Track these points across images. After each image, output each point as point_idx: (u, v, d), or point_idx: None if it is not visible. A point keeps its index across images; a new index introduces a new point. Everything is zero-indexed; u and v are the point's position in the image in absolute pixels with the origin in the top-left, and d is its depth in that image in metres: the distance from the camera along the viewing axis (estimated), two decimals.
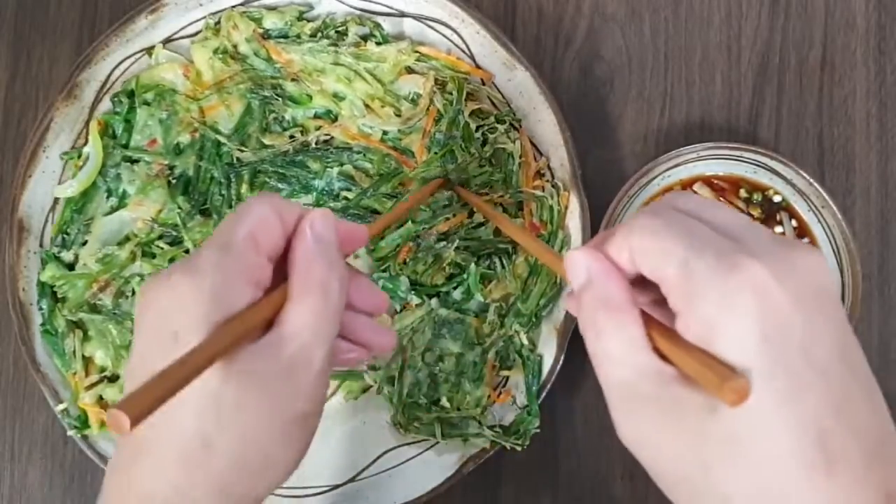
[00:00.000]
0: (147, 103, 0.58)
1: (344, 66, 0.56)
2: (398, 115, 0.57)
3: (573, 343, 0.54)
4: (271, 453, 0.34)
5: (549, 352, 0.55)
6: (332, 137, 0.57)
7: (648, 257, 0.31)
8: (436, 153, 0.55)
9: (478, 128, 0.56)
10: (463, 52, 0.57)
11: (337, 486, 0.55)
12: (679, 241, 0.30)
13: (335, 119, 0.57)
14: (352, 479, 0.55)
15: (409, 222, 0.55)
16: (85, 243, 0.57)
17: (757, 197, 0.56)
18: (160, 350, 0.32)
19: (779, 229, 0.55)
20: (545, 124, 0.56)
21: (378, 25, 0.58)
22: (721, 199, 0.56)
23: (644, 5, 0.60)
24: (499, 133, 0.56)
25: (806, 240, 0.55)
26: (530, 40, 0.60)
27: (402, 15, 0.58)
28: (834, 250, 0.54)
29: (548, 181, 0.56)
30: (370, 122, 0.56)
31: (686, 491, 0.30)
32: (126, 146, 0.58)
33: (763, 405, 0.27)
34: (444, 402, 0.54)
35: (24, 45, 0.62)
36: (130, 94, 0.58)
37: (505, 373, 0.55)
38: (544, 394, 0.54)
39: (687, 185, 0.56)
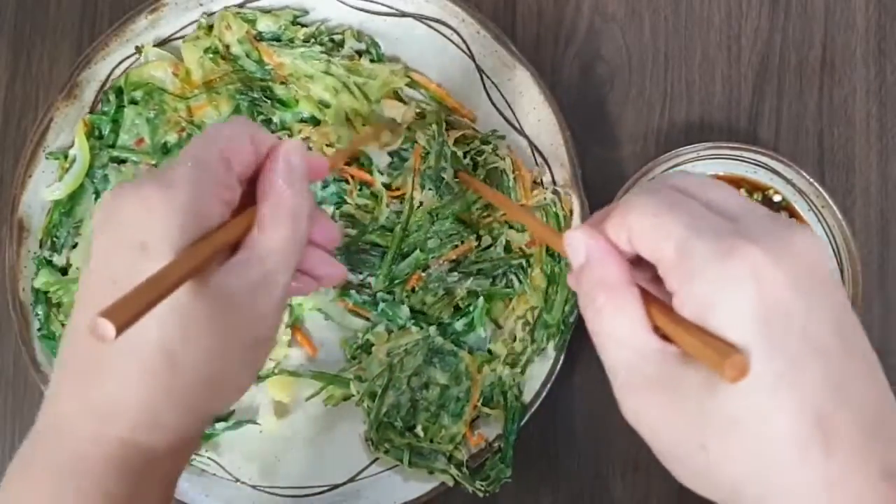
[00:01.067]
0: (135, 102, 0.57)
1: (334, 75, 0.56)
2: (376, 139, 0.56)
3: (573, 343, 0.55)
4: (230, 372, 0.34)
5: (549, 351, 0.55)
6: (311, 143, 0.57)
7: (646, 237, 0.31)
8: (431, 190, 0.55)
9: (465, 154, 0.56)
10: (463, 52, 0.57)
11: (337, 486, 0.55)
12: (677, 222, 0.30)
13: (318, 124, 0.57)
14: (352, 479, 0.55)
15: (418, 251, 0.55)
16: (75, 246, 0.57)
17: (757, 197, 0.56)
18: (126, 260, 0.32)
19: None
20: (545, 124, 0.56)
21: (375, 44, 0.58)
22: None
23: (644, 5, 0.60)
24: (487, 154, 0.56)
25: None
26: (530, 40, 0.60)
27: (402, 15, 0.58)
28: (834, 250, 0.54)
29: (546, 188, 0.56)
30: (349, 135, 0.56)
31: (686, 469, 0.31)
32: (113, 146, 0.58)
33: (761, 386, 0.27)
34: (419, 430, 0.54)
35: (24, 45, 0.62)
36: (119, 92, 0.57)
37: (486, 410, 0.55)
38: (544, 394, 0.54)
39: None
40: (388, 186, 0.56)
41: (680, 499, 0.55)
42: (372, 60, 0.57)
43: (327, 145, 0.56)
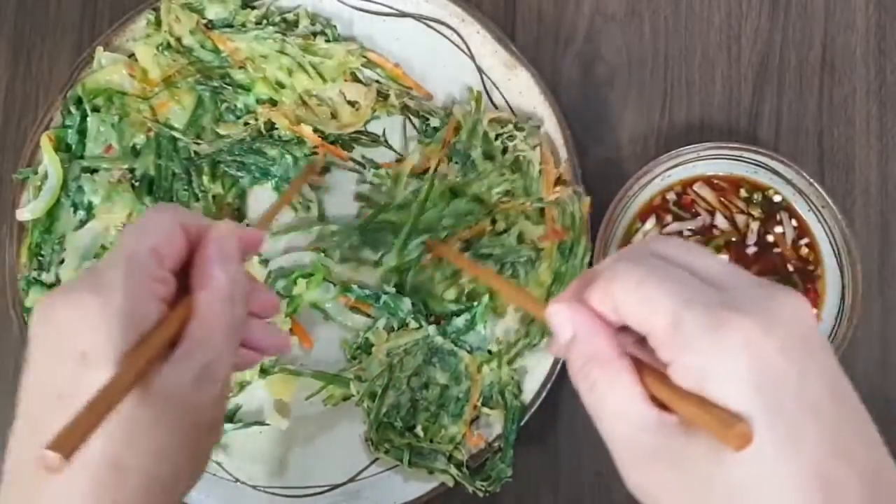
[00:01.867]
0: (97, 109, 0.57)
1: (289, 55, 0.56)
2: (334, 118, 0.57)
3: None
4: (181, 467, 0.34)
5: (543, 347, 0.55)
6: (275, 126, 0.57)
7: (634, 309, 0.31)
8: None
9: (497, 136, 0.56)
10: (463, 52, 0.57)
11: (337, 486, 0.55)
12: (666, 294, 0.30)
13: (275, 104, 0.57)
14: (352, 479, 0.55)
15: (428, 234, 0.55)
16: (62, 262, 0.56)
17: (757, 197, 0.56)
18: (68, 372, 0.31)
19: (779, 229, 0.55)
20: (545, 124, 0.56)
21: (331, 24, 0.58)
22: (721, 199, 0.56)
23: (644, 5, 0.60)
24: (518, 140, 0.56)
25: (806, 240, 0.55)
26: (530, 40, 0.60)
27: (402, 15, 0.58)
28: (834, 250, 0.54)
29: (569, 187, 0.55)
30: (305, 116, 0.56)
31: None
32: (82, 157, 0.57)
33: (764, 452, 0.28)
34: (419, 430, 0.54)
35: (24, 45, 0.62)
36: (78, 101, 0.57)
37: (486, 410, 0.55)
38: (544, 394, 0.54)
39: (687, 184, 0.56)
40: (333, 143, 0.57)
41: None
42: (327, 40, 0.57)
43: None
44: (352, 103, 0.57)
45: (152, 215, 0.36)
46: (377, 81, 0.57)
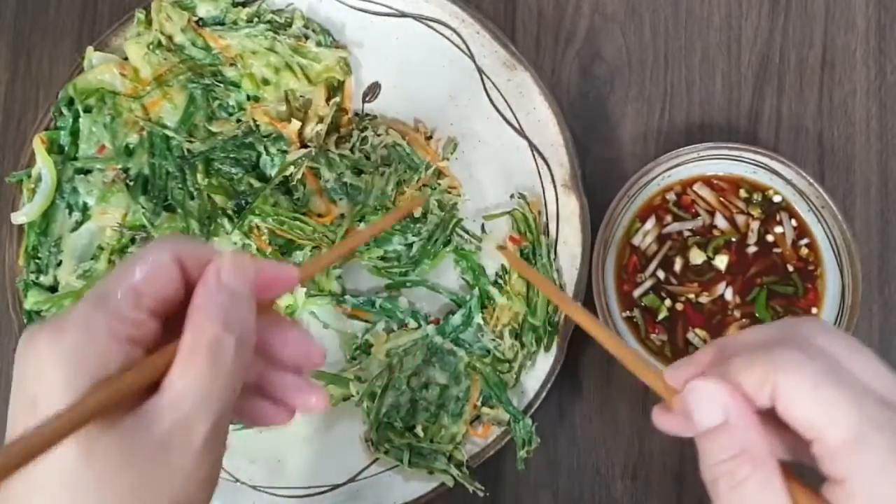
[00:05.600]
0: (88, 110, 0.57)
1: (279, 53, 0.56)
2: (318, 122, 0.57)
3: (573, 344, 0.54)
4: None
5: (549, 352, 0.55)
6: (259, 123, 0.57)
7: (808, 412, 0.29)
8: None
9: (352, 148, 0.57)
10: (463, 52, 0.57)
11: (337, 486, 0.55)
12: (851, 405, 0.28)
13: (257, 100, 0.57)
14: (352, 479, 0.55)
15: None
16: (60, 263, 0.56)
17: (757, 197, 0.56)
18: (21, 417, 0.28)
19: (779, 229, 0.55)
20: (545, 124, 0.56)
21: (325, 31, 0.58)
22: (721, 199, 0.56)
23: (644, 5, 0.60)
24: (371, 137, 0.56)
25: (806, 240, 0.55)
26: (530, 40, 0.60)
27: (402, 15, 0.58)
28: (834, 250, 0.54)
29: (512, 197, 0.56)
30: (284, 115, 0.57)
31: None
32: (75, 158, 0.57)
33: None
34: (419, 430, 0.54)
35: (24, 45, 0.62)
36: (70, 102, 0.57)
37: (486, 410, 0.55)
38: (544, 393, 0.54)
39: (687, 184, 0.56)
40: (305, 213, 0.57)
41: (680, 499, 0.55)
42: (318, 44, 0.57)
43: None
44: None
45: (146, 249, 0.31)
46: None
